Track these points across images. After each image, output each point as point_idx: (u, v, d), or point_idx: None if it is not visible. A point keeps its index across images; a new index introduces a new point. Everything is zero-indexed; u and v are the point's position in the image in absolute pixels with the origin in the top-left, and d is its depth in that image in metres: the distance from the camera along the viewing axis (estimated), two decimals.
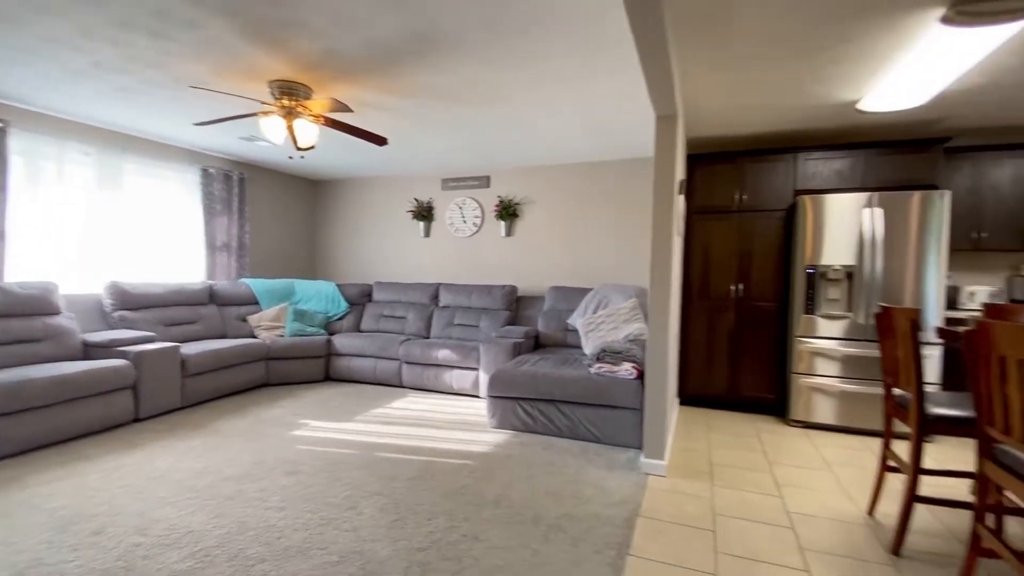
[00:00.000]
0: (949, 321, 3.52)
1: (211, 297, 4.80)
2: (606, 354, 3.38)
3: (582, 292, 4.69)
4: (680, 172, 3.29)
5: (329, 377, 4.98)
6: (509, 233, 5.37)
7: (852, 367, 3.54)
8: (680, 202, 3.19)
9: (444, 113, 3.63)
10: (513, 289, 5.02)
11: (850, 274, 3.52)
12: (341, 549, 1.98)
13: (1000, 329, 1.44)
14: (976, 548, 1.63)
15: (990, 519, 2.00)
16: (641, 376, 3.26)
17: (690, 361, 4.15)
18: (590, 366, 3.42)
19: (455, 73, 2.89)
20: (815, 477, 2.80)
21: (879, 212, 3.44)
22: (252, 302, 5.08)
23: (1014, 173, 3.59)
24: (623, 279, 4.94)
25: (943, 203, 3.31)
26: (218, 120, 3.32)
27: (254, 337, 4.75)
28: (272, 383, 4.68)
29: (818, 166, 3.76)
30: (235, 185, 5.21)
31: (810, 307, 3.61)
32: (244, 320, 4.88)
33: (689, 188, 4.12)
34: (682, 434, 3.51)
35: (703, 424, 3.75)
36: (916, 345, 1.95)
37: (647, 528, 2.20)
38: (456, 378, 4.43)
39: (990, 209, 3.65)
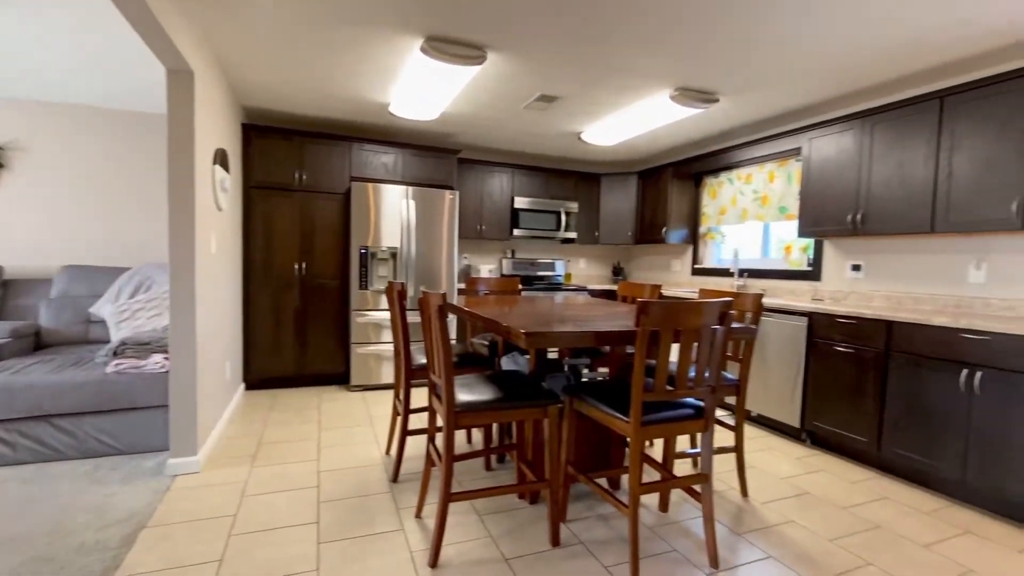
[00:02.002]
0: (461, 291, 4.61)
1: None
2: (128, 347, 2.81)
3: (115, 273, 3.77)
4: (220, 140, 3.02)
5: None
6: None
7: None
8: (219, 173, 2.93)
9: None
10: None
11: (395, 254, 4.12)
12: None
13: (427, 297, 1.92)
14: (429, 461, 2.16)
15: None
16: None
17: (256, 343, 3.98)
18: (106, 364, 2.78)
19: None
20: (356, 434, 3.16)
21: (413, 204, 4.14)
22: None
23: (499, 184, 5.01)
24: None
25: (455, 201, 4.28)
26: None
27: None
28: None
29: (370, 157, 4.20)
30: None
31: (364, 283, 4.04)
32: None
33: (247, 160, 3.87)
34: (240, 420, 3.33)
35: (267, 406, 3.67)
36: (403, 312, 2.42)
37: (150, 539, 1.95)
38: None
39: (487, 209, 4.97)
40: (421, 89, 3.24)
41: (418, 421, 3.39)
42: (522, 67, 2.97)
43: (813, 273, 3.79)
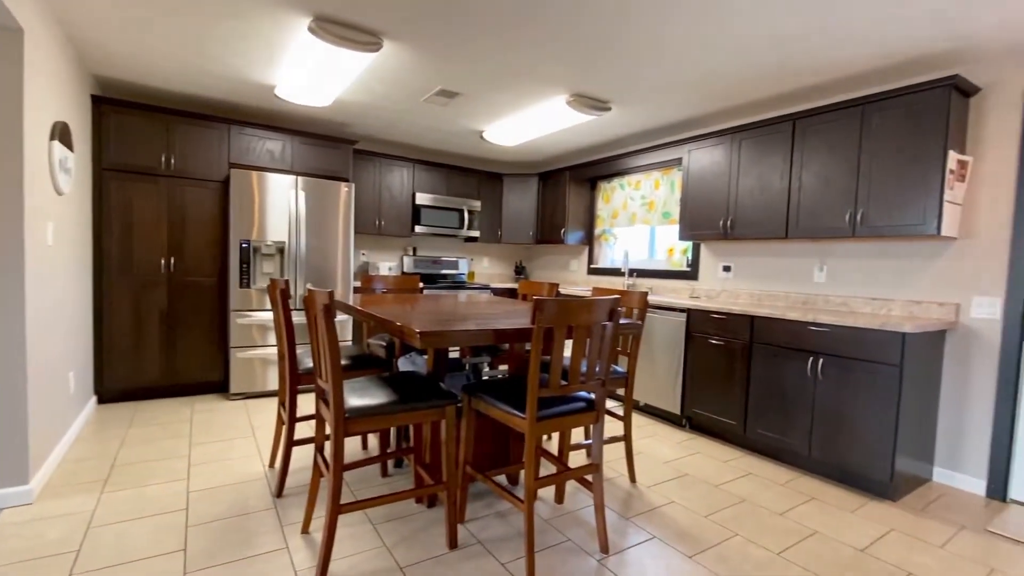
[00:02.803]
0: (357, 289, 4.40)
1: None
2: None
3: None
4: (61, 112, 2.57)
5: None
6: None
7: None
8: (59, 150, 2.49)
9: None
10: None
11: (282, 249, 3.82)
12: None
13: (312, 295, 1.79)
14: (317, 471, 2.02)
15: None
16: None
17: (113, 349, 3.46)
18: None
19: None
20: (236, 447, 2.87)
21: (303, 195, 3.87)
22: None
23: (400, 179, 4.85)
24: None
25: (351, 194, 4.06)
26: None
27: None
28: None
29: (253, 143, 3.84)
30: None
31: (246, 281, 3.69)
32: None
33: (99, 138, 3.35)
34: (89, 439, 2.86)
35: (125, 421, 3.20)
36: (287, 312, 2.24)
37: None
38: None
39: (387, 204, 4.80)
40: (311, 73, 3.03)
41: (308, 429, 3.17)
42: (421, 59, 2.89)
43: (691, 273, 4.15)
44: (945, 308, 2.73)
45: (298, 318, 3.90)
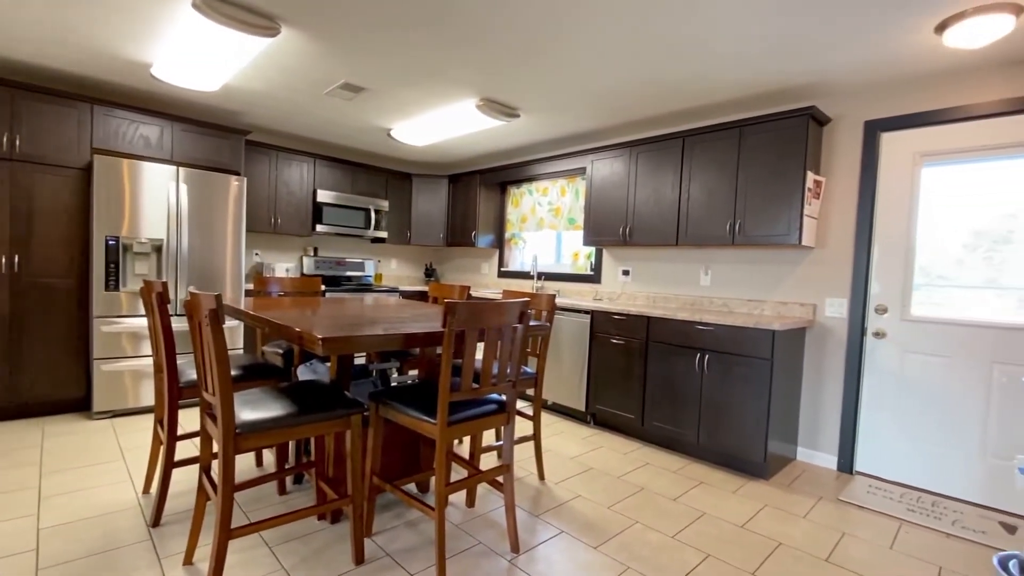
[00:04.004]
0: (249, 292, 4.06)
1: None
2: None
3: None
4: None
5: None
6: None
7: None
8: None
9: None
10: None
11: (159, 248, 3.41)
12: None
13: (196, 299, 1.62)
14: (203, 494, 1.82)
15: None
16: None
17: None
18: None
19: None
20: (101, 472, 2.51)
21: (186, 188, 3.49)
22: None
23: (300, 175, 4.56)
24: None
25: (243, 188, 3.74)
26: None
27: None
28: None
29: (124, 127, 3.39)
30: None
31: (114, 283, 3.24)
32: None
33: None
34: None
35: None
36: (165, 317, 2.00)
37: None
38: None
39: (284, 200, 4.48)
40: (196, 54, 2.74)
41: (191, 448, 2.86)
42: (323, 50, 2.74)
43: (595, 277, 4.36)
44: (805, 308, 3.13)
45: (179, 324, 3.51)
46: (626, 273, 4.12)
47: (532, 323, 2.31)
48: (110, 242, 3.21)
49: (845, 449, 2.98)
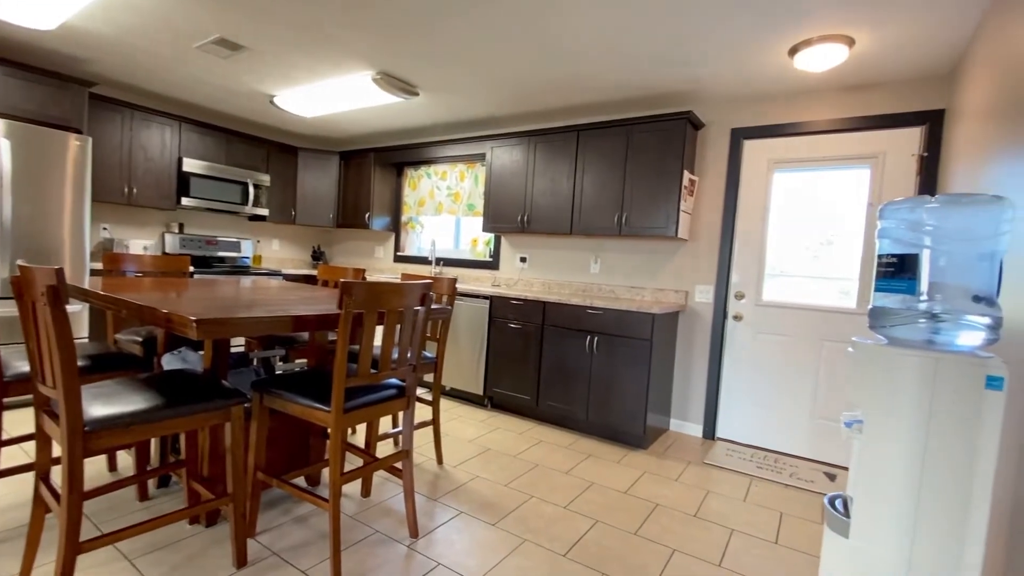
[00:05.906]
0: (97, 272, 3.48)
1: None
2: None
3: None
4: None
5: None
6: None
7: None
8: None
9: None
10: None
11: None
12: None
13: (29, 274, 1.35)
14: (41, 506, 1.54)
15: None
16: None
17: None
18: None
19: None
20: None
21: (8, 144, 2.87)
22: None
23: (161, 139, 3.99)
24: None
25: (86, 150, 3.17)
26: None
27: None
28: None
29: None
30: None
31: None
32: None
33: None
34: None
35: None
36: None
37: None
38: None
39: (141, 167, 3.89)
40: None
41: (22, 455, 2.40)
42: None
43: (493, 263, 4.42)
44: (679, 294, 3.48)
45: (4, 308, 2.90)
46: (523, 260, 4.22)
47: (434, 306, 2.28)
48: None
49: (709, 418, 3.38)
